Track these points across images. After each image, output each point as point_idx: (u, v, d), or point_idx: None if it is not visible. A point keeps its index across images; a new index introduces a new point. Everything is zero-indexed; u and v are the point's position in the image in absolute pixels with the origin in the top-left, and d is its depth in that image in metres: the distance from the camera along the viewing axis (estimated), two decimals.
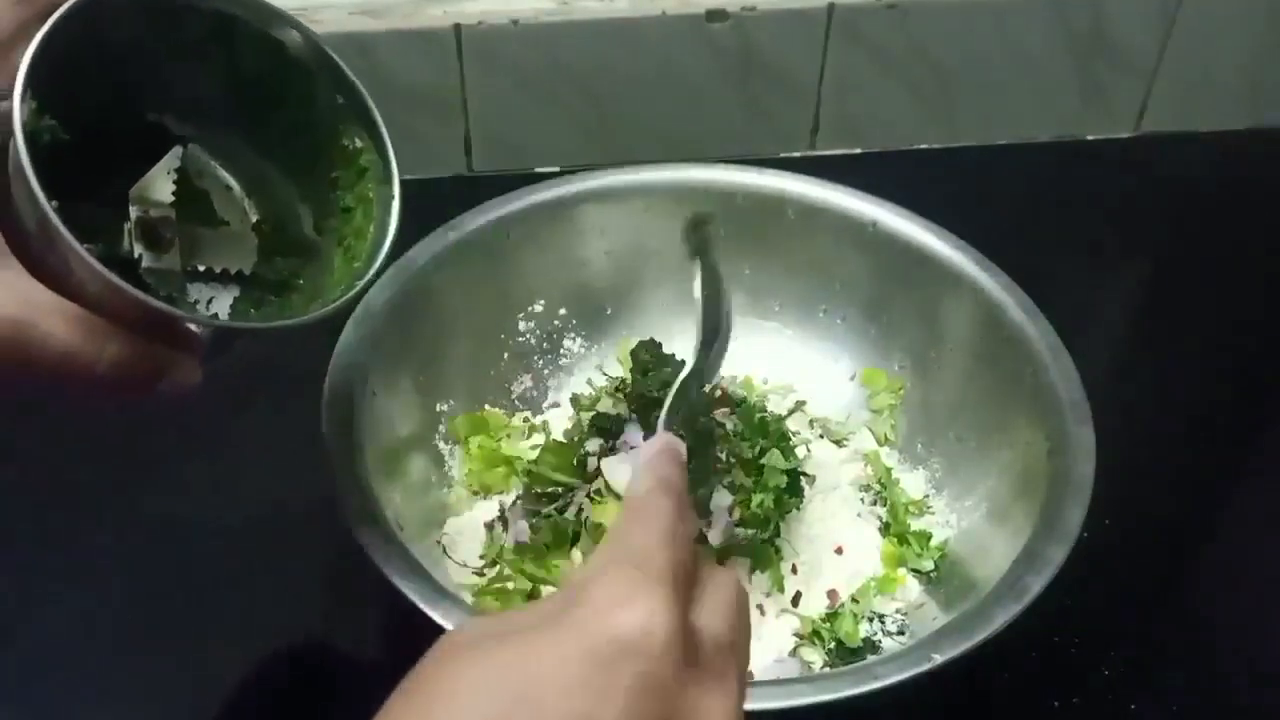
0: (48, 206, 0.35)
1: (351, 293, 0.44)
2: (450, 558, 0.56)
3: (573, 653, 0.28)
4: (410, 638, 0.34)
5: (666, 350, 0.56)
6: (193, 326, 0.41)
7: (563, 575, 0.53)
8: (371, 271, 0.45)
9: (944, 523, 0.59)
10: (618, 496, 0.53)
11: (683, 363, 0.56)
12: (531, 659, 0.28)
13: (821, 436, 0.63)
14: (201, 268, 0.44)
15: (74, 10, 0.38)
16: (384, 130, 0.46)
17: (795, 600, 0.55)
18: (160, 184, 0.43)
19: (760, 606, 0.54)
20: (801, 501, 0.56)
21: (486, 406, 0.63)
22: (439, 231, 0.62)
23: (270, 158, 0.47)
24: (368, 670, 0.55)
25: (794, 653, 0.53)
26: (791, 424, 0.59)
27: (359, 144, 0.46)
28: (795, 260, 0.66)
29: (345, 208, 0.47)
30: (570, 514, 0.55)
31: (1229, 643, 0.58)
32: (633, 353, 0.56)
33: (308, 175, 0.47)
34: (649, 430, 0.53)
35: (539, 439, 0.61)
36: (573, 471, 0.55)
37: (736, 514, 0.53)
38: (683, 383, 0.46)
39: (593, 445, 0.56)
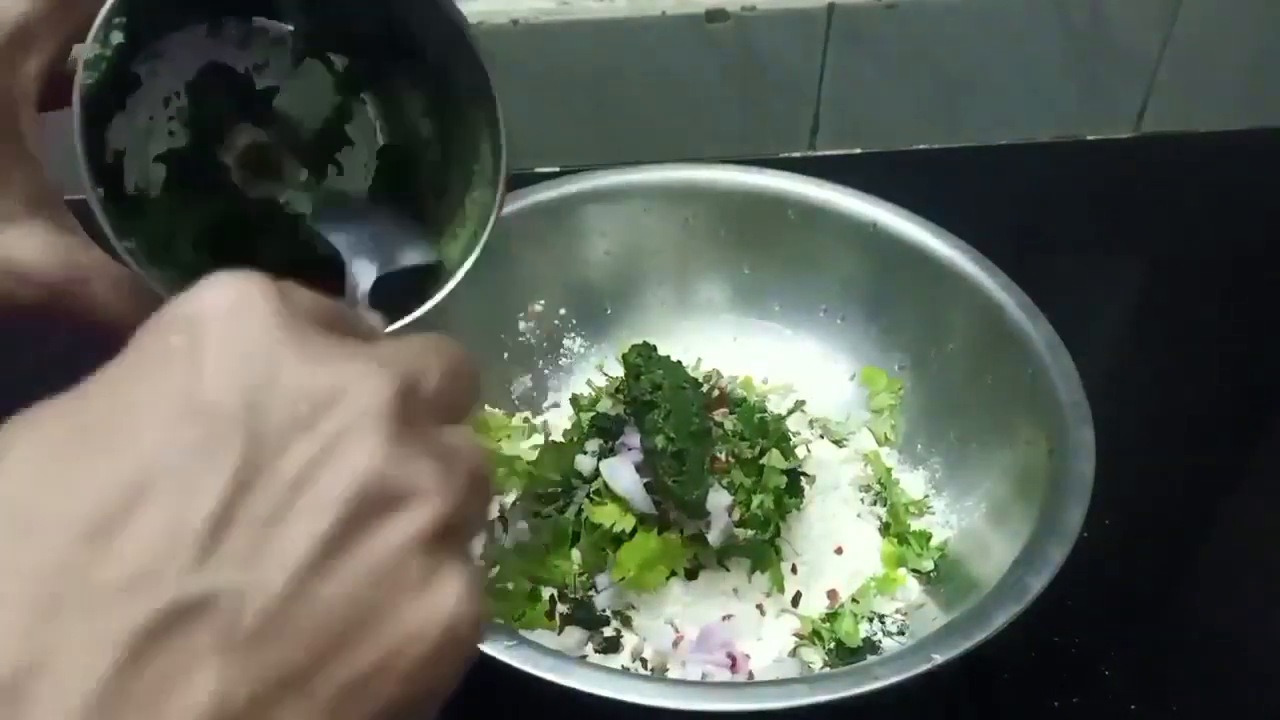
0: (89, 185, 0.34)
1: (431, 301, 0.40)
2: None
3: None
4: None
5: (663, 351, 0.56)
6: None
7: None
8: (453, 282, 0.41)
9: (944, 523, 0.59)
10: (617, 497, 0.53)
11: (678, 363, 0.56)
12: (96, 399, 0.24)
13: (821, 436, 0.63)
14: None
15: None
16: (503, 122, 0.41)
17: (795, 600, 0.55)
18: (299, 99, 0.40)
19: (760, 606, 0.54)
20: (801, 501, 0.56)
21: (486, 407, 0.63)
22: None
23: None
24: None
25: (794, 653, 0.53)
26: (791, 424, 0.59)
27: (479, 127, 0.42)
28: (795, 260, 0.66)
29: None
30: (570, 514, 0.55)
31: (1229, 643, 0.58)
32: (624, 356, 0.56)
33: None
34: (646, 434, 0.53)
35: (539, 439, 0.61)
36: (573, 472, 0.55)
37: (736, 514, 0.53)
38: None
39: (592, 445, 0.56)
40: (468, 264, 0.42)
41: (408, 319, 0.40)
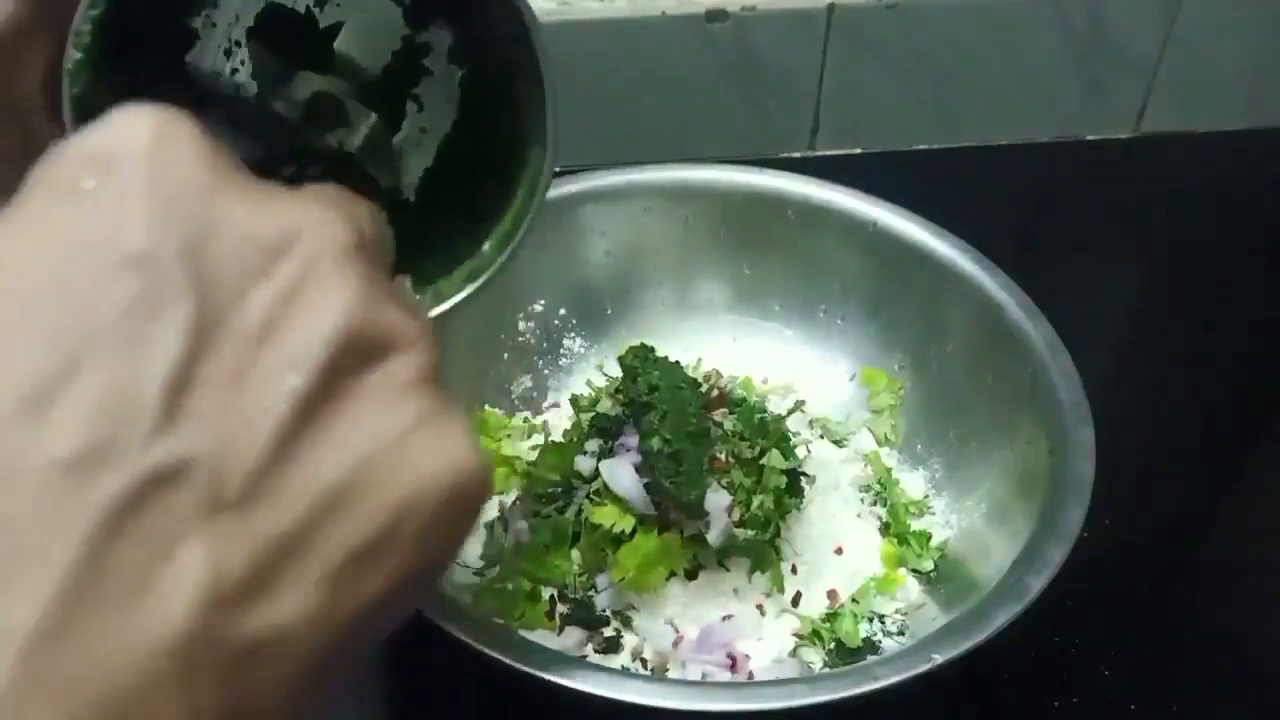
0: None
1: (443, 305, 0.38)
2: None
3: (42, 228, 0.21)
4: (408, 638, 0.34)
5: (662, 351, 0.56)
6: None
7: None
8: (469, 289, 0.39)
9: (944, 523, 0.59)
10: (617, 497, 0.53)
11: (676, 363, 0.56)
12: None
13: (821, 436, 0.63)
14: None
15: None
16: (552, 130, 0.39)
17: (795, 600, 0.55)
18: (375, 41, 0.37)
19: (760, 606, 0.54)
20: (801, 501, 0.56)
21: (486, 406, 0.63)
22: None
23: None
24: (365, 671, 0.55)
25: (794, 653, 0.53)
26: (791, 424, 0.59)
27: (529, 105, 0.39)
28: (795, 260, 0.66)
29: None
30: (570, 514, 0.55)
31: (1229, 643, 0.58)
32: (621, 358, 0.56)
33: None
34: (643, 435, 0.53)
35: (539, 439, 0.62)
36: (573, 472, 0.55)
37: (736, 514, 0.53)
38: None
39: (592, 446, 0.56)
40: (501, 258, 0.41)
41: (444, 306, 0.39)
